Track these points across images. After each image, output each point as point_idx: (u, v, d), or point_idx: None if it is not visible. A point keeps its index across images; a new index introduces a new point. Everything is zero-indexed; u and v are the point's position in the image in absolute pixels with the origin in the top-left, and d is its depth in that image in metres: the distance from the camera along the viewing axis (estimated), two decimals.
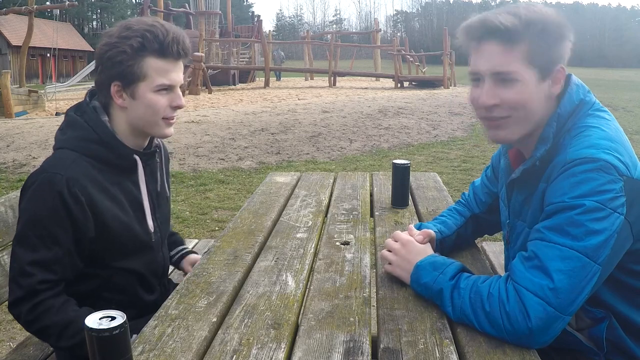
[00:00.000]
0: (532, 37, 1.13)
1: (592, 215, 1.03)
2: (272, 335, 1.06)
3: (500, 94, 1.16)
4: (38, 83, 34.46)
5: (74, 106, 1.42)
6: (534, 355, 0.99)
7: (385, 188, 2.21)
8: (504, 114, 1.18)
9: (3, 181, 5.77)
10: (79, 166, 1.31)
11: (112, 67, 1.32)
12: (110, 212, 1.35)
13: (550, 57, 1.15)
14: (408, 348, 1.01)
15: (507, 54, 1.14)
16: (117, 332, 0.83)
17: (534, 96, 1.16)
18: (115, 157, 1.38)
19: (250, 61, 25.84)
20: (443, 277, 1.16)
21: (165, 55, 1.33)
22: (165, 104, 1.37)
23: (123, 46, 1.30)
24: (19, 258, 1.27)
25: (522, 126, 1.19)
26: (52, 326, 1.27)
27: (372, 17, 65.84)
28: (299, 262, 1.44)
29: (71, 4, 17.72)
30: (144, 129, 1.40)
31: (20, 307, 1.27)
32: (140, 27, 1.32)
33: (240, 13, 58.37)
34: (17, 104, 13.85)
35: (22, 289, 1.27)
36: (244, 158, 6.98)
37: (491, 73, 1.16)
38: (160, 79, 1.34)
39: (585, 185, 1.06)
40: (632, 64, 62.59)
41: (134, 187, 1.43)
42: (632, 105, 13.62)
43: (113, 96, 1.35)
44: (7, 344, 2.67)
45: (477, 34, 1.17)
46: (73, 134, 1.36)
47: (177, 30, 1.36)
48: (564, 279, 1.02)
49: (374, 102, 11.54)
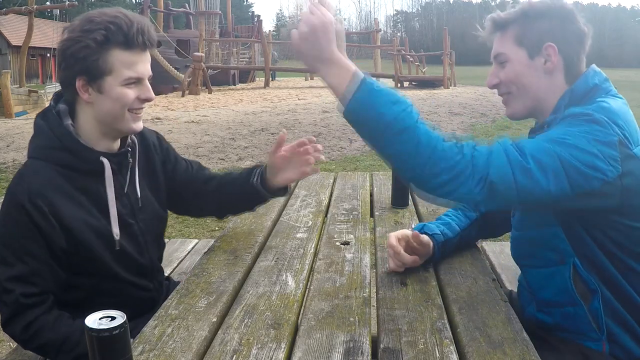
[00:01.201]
0: (520, 20, 1.30)
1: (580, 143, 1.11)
2: (272, 335, 1.06)
3: (499, 74, 1.34)
4: (38, 83, 34.45)
5: (42, 112, 1.38)
6: (534, 355, 0.99)
7: (385, 188, 2.21)
8: (504, 90, 1.35)
9: (3, 181, 5.77)
10: (41, 176, 1.28)
11: (75, 62, 1.26)
12: (77, 219, 1.30)
13: (535, 36, 1.29)
14: (408, 348, 1.01)
15: (502, 39, 1.33)
16: (117, 332, 0.83)
17: (526, 72, 1.31)
18: (80, 162, 1.32)
19: (250, 61, 25.85)
20: (409, 115, 1.10)
21: (130, 47, 1.28)
22: (133, 97, 1.31)
23: (86, 40, 1.24)
24: None
25: (523, 100, 1.33)
26: (49, 344, 1.26)
27: (372, 17, 65.92)
28: (299, 262, 1.44)
29: (71, 4, 17.71)
30: (111, 125, 1.34)
31: (12, 326, 1.26)
32: (102, 19, 1.26)
33: (240, 13, 58.39)
34: (17, 104, 13.84)
35: (8, 307, 1.25)
36: (244, 158, 6.98)
37: (493, 57, 1.36)
38: (127, 72, 1.28)
39: (577, 127, 1.14)
40: (632, 64, 62.59)
41: (102, 191, 1.36)
42: (632, 105, 13.55)
43: (79, 91, 1.30)
44: (7, 344, 2.67)
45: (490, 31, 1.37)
46: (38, 143, 1.33)
47: (141, 19, 1.31)
48: (535, 167, 1.09)
49: None
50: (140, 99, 1.33)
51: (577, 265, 1.23)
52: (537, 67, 1.30)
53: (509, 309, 1.18)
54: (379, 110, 1.08)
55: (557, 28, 1.29)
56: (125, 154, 1.42)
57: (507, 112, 1.39)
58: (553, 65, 1.29)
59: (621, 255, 1.21)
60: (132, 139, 1.45)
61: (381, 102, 1.09)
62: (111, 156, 1.37)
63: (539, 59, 1.29)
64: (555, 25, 1.29)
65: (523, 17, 1.30)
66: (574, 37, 1.30)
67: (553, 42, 1.28)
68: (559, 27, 1.29)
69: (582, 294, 1.24)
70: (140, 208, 1.45)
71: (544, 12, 1.30)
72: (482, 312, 1.16)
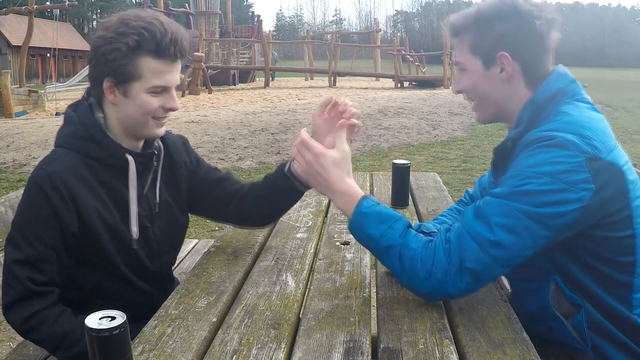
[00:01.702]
0: (472, 29, 1.27)
1: (542, 185, 1.09)
2: (272, 335, 1.06)
3: (460, 82, 1.33)
4: (38, 83, 34.46)
5: (74, 103, 1.40)
6: (534, 355, 0.99)
7: (385, 188, 2.21)
8: (468, 98, 1.34)
9: (3, 181, 5.77)
10: (64, 162, 1.29)
11: (105, 63, 1.27)
12: (94, 209, 1.30)
13: (488, 44, 1.25)
14: (408, 348, 1.01)
15: (459, 47, 1.30)
16: (117, 332, 0.83)
17: (482, 82, 1.28)
18: (105, 155, 1.33)
19: (250, 61, 25.85)
20: (392, 232, 1.17)
21: (161, 56, 1.27)
22: (157, 106, 1.31)
23: (118, 43, 1.24)
24: (7, 258, 1.26)
25: (485, 109, 1.32)
26: (48, 339, 1.27)
27: (372, 17, 65.88)
28: (299, 262, 1.44)
29: (71, 4, 17.72)
30: (134, 128, 1.35)
31: (15, 312, 1.26)
32: (138, 23, 1.26)
33: (240, 13, 58.40)
34: (17, 104, 13.83)
35: (14, 290, 1.25)
36: (244, 158, 6.98)
37: (454, 63, 1.34)
38: (155, 80, 1.28)
39: (538, 157, 1.12)
40: (632, 64, 62.57)
41: (123, 188, 1.36)
42: (632, 105, 13.60)
43: (105, 91, 1.31)
44: (7, 344, 2.67)
45: (449, 36, 1.33)
46: (66, 132, 1.34)
47: (176, 29, 1.30)
48: (504, 235, 1.10)
49: (374, 102, 11.54)
50: (164, 108, 1.33)
51: (558, 282, 1.23)
52: (494, 77, 1.26)
53: (509, 309, 1.18)
54: (367, 231, 1.20)
55: (511, 33, 1.23)
56: (150, 155, 1.42)
57: (476, 118, 1.37)
58: (509, 75, 1.25)
59: (602, 268, 1.20)
60: (159, 143, 1.45)
61: (368, 224, 1.19)
62: (136, 155, 1.37)
63: (495, 68, 1.25)
64: (510, 30, 1.23)
65: (476, 24, 1.26)
66: (531, 39, 1.23)
67: (506, 49, 1.23)
68: (513, 32, 1.22)
69: (566, 309, 1.24)
70: (158, 213, 1.44)
71: (496, 16, 1.23)
72: (482, 312, 1.16)
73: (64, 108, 8.20)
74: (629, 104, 13.89)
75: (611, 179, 1.13)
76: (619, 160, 1.16)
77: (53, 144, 1.37)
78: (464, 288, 1.12)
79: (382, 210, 1.21)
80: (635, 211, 1.18)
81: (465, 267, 1.11)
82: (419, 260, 1.13)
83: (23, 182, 5.66)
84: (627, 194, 1.16)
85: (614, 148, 1.17)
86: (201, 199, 1.56)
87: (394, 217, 1.20)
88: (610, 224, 1.16)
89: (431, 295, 1.16)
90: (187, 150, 1.56)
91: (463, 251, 1.11)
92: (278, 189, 1.49)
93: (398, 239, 1.16)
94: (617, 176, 1.14)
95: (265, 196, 1.52)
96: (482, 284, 1.15)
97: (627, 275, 1.21)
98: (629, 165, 1.21)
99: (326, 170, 1.23)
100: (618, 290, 1.21)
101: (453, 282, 1.11)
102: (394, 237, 1.16)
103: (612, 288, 1.21)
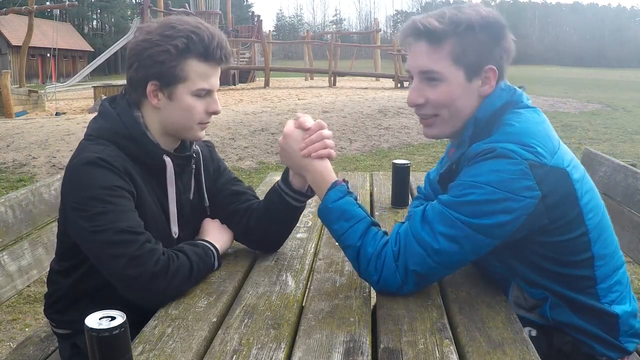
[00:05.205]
0: (457, 37, 1.17)
1: (484, 195, 1.11)
2: (272, 335, 1.06)
3: (427, 94, 1.21)
4: (38, 83, 34.48)
5: (110, 97, 1.38)
6: (534, 355, 0.99)
7: (385, 188, 2.21)
8: (431, 112, 1.24)
9: (3, 181, 5.77)
10: (111, 151, 1.27)
11: (152, 65, 1.26)
12: (146, 199, 1.29)
13: (477, 57, 1.18)
14: (408, 348, 1.01)
15: (433, 54, 1.19)
16: (117, 332, 0.83)
17: (460, 95, 1.20)
18: (144, 154, 1.31)
19: (250, 61, 25.85)
20: (352, 233, 1.22)
21: (208, 59, 1.28)
22: (201, 109, 1.31)
23: (166, 45, 1.24)
24: (107, 233, 1.18)
25: (451, 124, 1.24)
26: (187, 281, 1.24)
27: (372, 17, 65.86)
28: (299, 262, 1.44)
29: (71, 4, 17.73)
30: (177, 132, 1.35)
31: (152, 283, 1.18)
32: (185, 27, 1.26)
33: (240, 13, 58.37)
34: (17, 104, 13.84)
35: (140, 259, 1.18)
36: (244, 158, 6.98)
37: (418, 71, 1.22)
38: (201, 83, 1.29)
39: (481, 167, 1.12)
40: (632, 64, 62.52)
41: (160, 190, 1.35)
42: (632, 105, 13.61)
43: (148, 95, 1.30)
44: (7, 344, 2.67)
45: (407, 34, 1.23)
46: (103, 124, 1.32)
47: (221, 34, 1.31)
48: (446, 244, 1.13)
49: (374, 102, 11.54)
50: (208, 112, 1.34)
51: (519, 284, 1.26)
52: (473, 90, 1.20)
53: (509, 309, 1.18)
54: (330, 225, 1.27)
55: (495, 47, 1.19)
56: (188, 158, 1.42)
57: (429, 134, 1.28)
58: (491, 89, 1.21)
59: (560, 270, 1.22)
60: (195, 146, 1.45)
61: (332, 219, 1.25)
62: (174, 157, 1.37)
63: (476, 80, 1.20)
64: (494, 44, 1.19)
65: (462, 32, 1.17)
66: (506, 55, 1.21)
67: (494, 63, 1.19)
68: (496, 46, 1.19)
69: (531, 304, 1.26)
70: (189, 216, 1.44)
71: (485, 27, 1.18)
72: (482, 312, 1.16)
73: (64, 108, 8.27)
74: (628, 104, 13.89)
75: (557, 182, 1.13)
76: (563, 161, 1.16)
77: (85, 134, 1.33)
78: (412, 288, 1.20)
79: (346, 208, 1.24)
80: (585, 208, 1.19)
81: (410, 270, 1.17)
82: (373, 263, 1.19)
83: (23, 182, 5.66)
84: (575, 194, 1.17)
85: (557, 149, 1.17)
86: (218, 211, 1.50)
87: (356, 216, 1.23)
88: (560, 227, 1.17)
89: (383, 292, 1.22)
90: (211, 157, 1.54)
91: (409, 255, 1.17)
92: (274, 205, 1.44)
93: (357, 241, 1.21)
94: (562, 179, 1.15)
95: (264, 215, 1.46)
96: (429, 283, 1.23)
97: (587, 269, 1.22)
98: (575, 162, 1.21)
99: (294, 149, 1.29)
100: (581, 284, 1.23)
101: (401, 282, 1.18)
102: (354, 239, 1.22)
103: (575, 284, 1.23)
